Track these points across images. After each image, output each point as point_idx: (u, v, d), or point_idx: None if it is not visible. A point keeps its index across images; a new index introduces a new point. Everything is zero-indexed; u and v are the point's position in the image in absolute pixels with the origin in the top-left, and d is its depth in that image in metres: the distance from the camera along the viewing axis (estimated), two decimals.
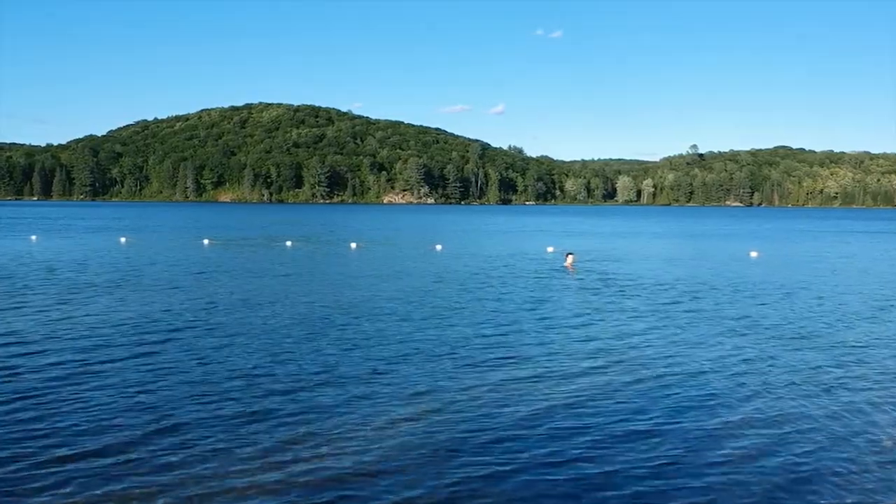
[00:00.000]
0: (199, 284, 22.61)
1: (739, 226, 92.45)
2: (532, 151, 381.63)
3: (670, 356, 13.01)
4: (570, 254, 31.45)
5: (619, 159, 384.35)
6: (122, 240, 45.44)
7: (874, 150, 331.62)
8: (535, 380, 11.20)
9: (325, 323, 15.85)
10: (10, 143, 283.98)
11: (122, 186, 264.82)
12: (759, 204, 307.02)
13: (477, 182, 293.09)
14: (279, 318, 16.32)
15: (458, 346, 13.45)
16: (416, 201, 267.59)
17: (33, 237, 47.39)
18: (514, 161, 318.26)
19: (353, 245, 42.63)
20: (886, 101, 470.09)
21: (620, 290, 21.98)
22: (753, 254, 38.88)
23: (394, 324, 15.77)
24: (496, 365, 12.12)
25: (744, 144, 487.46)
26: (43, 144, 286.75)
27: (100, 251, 36.27)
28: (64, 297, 19.30)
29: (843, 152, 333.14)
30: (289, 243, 43.75)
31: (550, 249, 39.84)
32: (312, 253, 37.52)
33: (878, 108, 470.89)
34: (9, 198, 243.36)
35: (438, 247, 41.54)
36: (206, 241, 44.04)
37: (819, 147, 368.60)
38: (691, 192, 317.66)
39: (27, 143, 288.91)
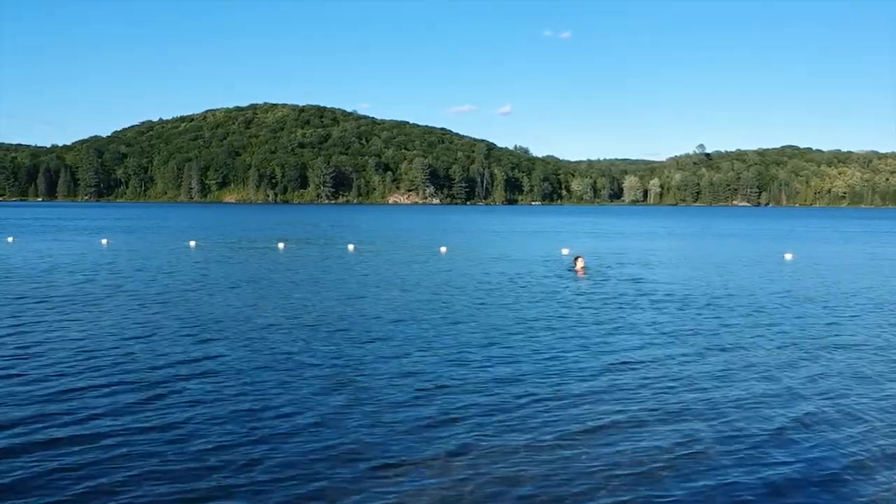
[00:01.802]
0: (169, 297, 19.79)
1: (756, 225, 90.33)
2: (538, 151, 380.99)
3: (801, 409, 9.77)
4: (579, 257, 28.64)
5: (625, 159, 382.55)
6: (104, 241, 43.58)
7: (882, 150, 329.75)
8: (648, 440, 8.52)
9: (323, 354, 12.51)
10: (16, 144, 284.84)
11: (127, 187, 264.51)
12: (767, 204, 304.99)
13: (482, 182, 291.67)
14: (259, 348, 13.05)
15: (514, 398, 10.06)
16: (421, 201, 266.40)
17: (10, 239, 45.25)
18: (520, 161, 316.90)
19: (351, 247, 40.57)
20: (894, 101, 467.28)
21: (679, 307, 18.54)
22: (788, 255, 36.61)
23: (404, 352, 12.60)
24: (570, 417, 9.32)
25: (751, 144, 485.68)
26: (48, 145, 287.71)
27: (75, 254, 34.43)
28: (9, 313, 16.95)
29: (851, 152, 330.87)
30: (281, 245, 41.69)
31: (566, 251, 37.47)
32: (305, 257, 34.80)
33: (885, 108, 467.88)
34: (13, 198, 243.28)
35: (443, 249, 39.58)
36: (192, 244, 42.22)
37: (826, 146, 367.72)
38: (698, 192, 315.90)
39: (32, 143, 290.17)
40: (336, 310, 17.77)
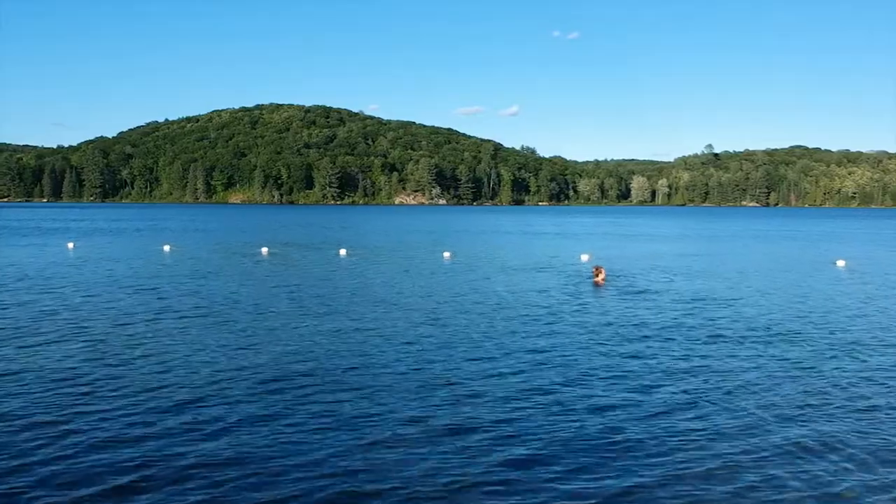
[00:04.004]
0: (104, 322, 16.19)
1: (782, 226, 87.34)
2: (545, 152, 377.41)
3: None
4: (600, 267, 25.12)
5: (633, 160, 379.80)
6: (70, 245, 41.87)
7: (891, 150, 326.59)
8: None
9: (296, 404, 9.92)
10: (21, 145, 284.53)
11: (132, 188, 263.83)
12: (776, 204, 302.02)
13: (489, 182, 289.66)
14: (212, 399, 10.22)
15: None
16: (427, 202, 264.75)
17: None
18: (527, 161, 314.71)
19: (343, 252, 37.64)
20: None
21: (796, 342, 14.66)
22: (840, 262, 33.40)
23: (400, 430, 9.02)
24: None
25: (759, 144, 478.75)
26: (53, 146, 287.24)
27: (31, 261, 32.08)
28: None
29: (860, 152, 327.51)
30: (265, 251, 38.50)
31: (585, 257, 34.11)
32: (289, 264, 31.75)
33: (894, 107, 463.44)
34: (19, 199, 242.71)
35: (447, 254, 36.23)
36: (166, 248, 40.13)
37: (835, 146, 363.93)
38: (706, 193, 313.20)
39: (37, 144, 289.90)
40: (307, 345, 14.04)
